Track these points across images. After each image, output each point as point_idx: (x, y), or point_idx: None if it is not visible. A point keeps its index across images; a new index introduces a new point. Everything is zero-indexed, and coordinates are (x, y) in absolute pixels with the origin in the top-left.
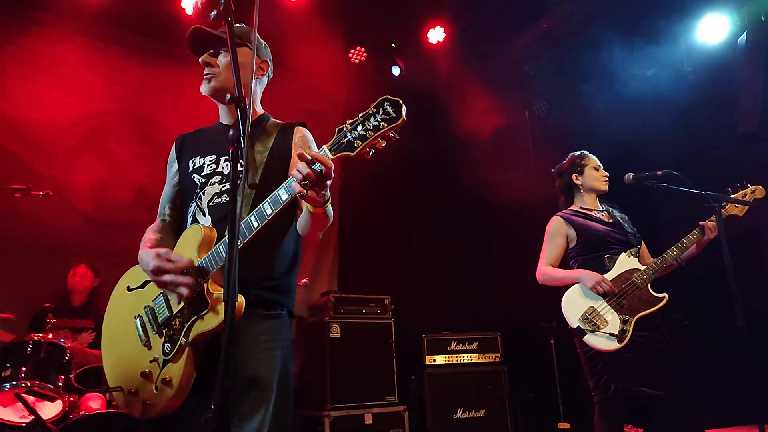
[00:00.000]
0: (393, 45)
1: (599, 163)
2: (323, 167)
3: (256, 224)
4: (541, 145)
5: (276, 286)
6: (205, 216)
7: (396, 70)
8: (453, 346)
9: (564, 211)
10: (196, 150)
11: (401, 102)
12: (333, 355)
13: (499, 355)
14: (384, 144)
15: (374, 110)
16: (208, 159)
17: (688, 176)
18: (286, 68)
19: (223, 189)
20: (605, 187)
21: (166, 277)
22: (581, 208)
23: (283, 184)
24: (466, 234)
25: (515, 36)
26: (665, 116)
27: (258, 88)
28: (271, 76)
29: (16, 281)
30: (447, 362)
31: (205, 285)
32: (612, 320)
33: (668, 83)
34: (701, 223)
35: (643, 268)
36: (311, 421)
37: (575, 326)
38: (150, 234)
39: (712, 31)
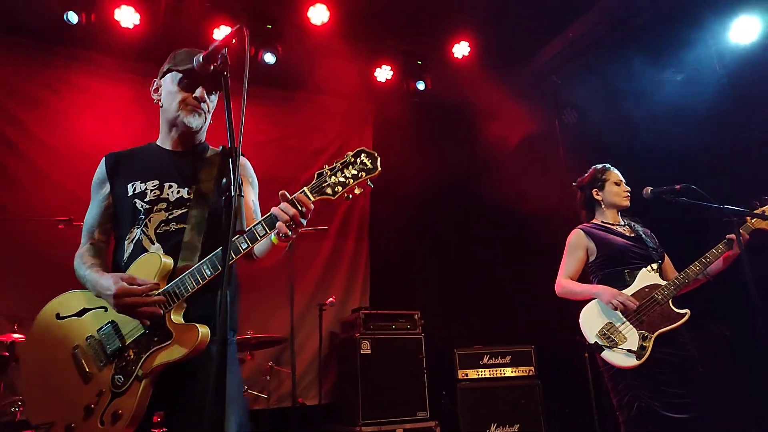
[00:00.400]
0: (419, 62)
1: (621, 178)
2: (305, 209)
3: (230, 257)
4: (573, 155)
5: (230, 316)
6: (153, 244)
7: (421, 86)
8: (485, 360)
9: (585, 224)
10: (134, 174)
11: (377, 155)
12: (364, 370)
13: (533, 368)
14: (360, 191)
15: (352, 159)
16: (150, 185)
17: (722, 183)
18: (314, 91)
19: (170, 216)
20: (626, 203)
21: (129, 300)
22: (602, 222)
23: (260, 220)
24: (497, 247)
25: (541, 46)
26: (698, 121)
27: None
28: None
29: None
30: (480, 376)
31: (166, 315)
32: (631, 336)
33: (700, 87)
34: (728, 236)
35: (664, 283)
36: None
37: (592, 342)
38: (89, 258)
39: (745, 31)
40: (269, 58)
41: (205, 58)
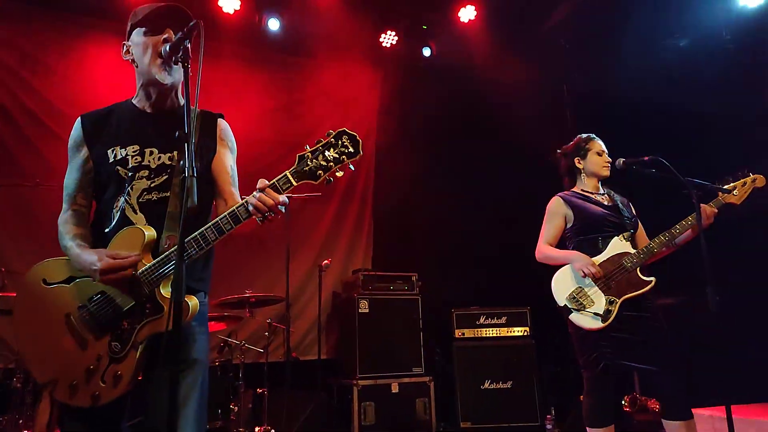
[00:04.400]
0: (424, 27)
1: (604, 148)
2: (284, 203)
3: (213, 237)
4: (580, 119)
5: (202, 278)
6: (136, 213)
7: (427, 51)
8: (482, 320)
9: (565, 192)
10: (113, 138)
11: (358, 137)
12: (362, 329)
13: (527, 329)
14: (341, 174)
15: (333, 141)
16: (130, 150)
17: (725, 149)
18: (321, 56)
19: (152, 185)
20: (606, 173)
21: (115, 276)
22: (582, 190)
23: (243, 202)
24: (497, 211)
25: (548, 10)
26: (704, 87)
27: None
28: None
29: None
30: (476, 336)
31: (155, 290)
32: (598, 301)
33: (706, 52)
34: (702, 205)
35: (633, 251)
36: (342, 390)
37: (562, 305)
38: (72, 227)
39: None
40: (273, 24)
41: (171, 48)
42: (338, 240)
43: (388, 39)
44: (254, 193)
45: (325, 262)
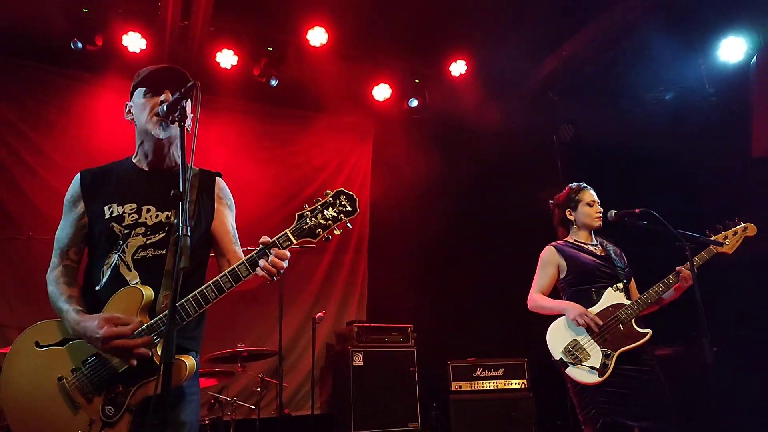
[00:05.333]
0: (416, 81)
1: (595, 198)
2: (286, 259)
3: (213, 296)
4: (570, 169)
5: (193, 336)
6: (131, 271)
7: (414, 102)
8: (479, 372)
9: (558, 241)
10: (111, 195)
11: (355, 196)
12: (356, 382)
13: (525, 381)
14: (339, 232)
15: (332, 200)
16: (128, 208)
17: (710, 199)
18: (315, 109)
19: (148, 242)
20: (597, 224)
21: (119, 343)
22: (575, 240)
23: (243, 260)
24: (492, 261)
25: (536, 64)
26: (688, 138)
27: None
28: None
29: None
30: (472, 389)
31: (153, 350)
32: (594, 354)
33: (690, 105)
34: (677, 268)
35: (628, 303)
36: None
37: (558, 358)
38: (65, 288)
39: (732, 50)
40: (272, 80)
41: (168, 108)
42: (332, 291)
43: (381, 92)
44: (261, 252)
45: (319, 314)
